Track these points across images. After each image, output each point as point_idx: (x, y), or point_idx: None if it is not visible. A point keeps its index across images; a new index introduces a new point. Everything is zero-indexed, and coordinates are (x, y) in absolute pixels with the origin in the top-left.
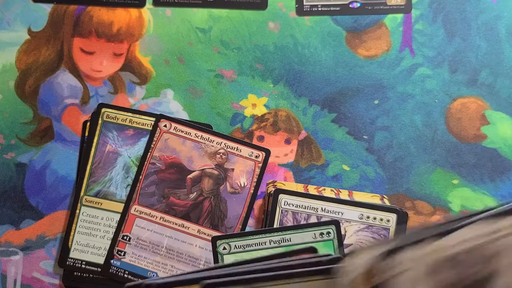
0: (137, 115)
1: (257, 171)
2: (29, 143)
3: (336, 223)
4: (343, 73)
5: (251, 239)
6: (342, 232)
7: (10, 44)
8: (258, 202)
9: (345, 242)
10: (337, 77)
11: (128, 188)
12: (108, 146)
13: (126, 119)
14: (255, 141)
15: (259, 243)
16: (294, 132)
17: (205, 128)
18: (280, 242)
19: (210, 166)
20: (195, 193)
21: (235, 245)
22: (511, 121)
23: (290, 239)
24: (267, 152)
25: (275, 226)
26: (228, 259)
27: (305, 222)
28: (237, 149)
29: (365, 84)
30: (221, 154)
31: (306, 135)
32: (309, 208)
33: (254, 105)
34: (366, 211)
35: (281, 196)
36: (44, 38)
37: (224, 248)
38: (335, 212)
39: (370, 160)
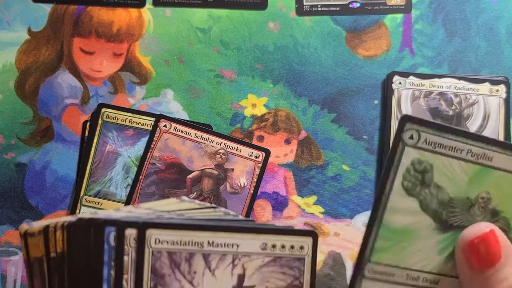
0: (137, 115)
1: (257, 171)
2: (29, 143)
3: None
4: (343, 73)
5: (447, 138)
6: (240, 272)
7: (10, 44)
8: (258, 202)
9: (246, 284)
10: (337, 77)
11: (128, 188)
12: (108, 146)
13: (126, 119)
14: (255, 141)
15: (454, 148)
16: (294, 132)
17: (205, 128)
18: (479, 157)
19: (210, 166)
20: (195, 193)
21: (426, 139)
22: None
23: (492, 158)
24: (267, 152)
25: (145, 278)
26: (409, 153)
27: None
28: (237, 149)
29: (365, 84)
30: (221, 154)
31: (306, 135)
32: (190, 243)
33: (254, 105)
34: (271, 238)
35: (149, 232)
36: (44, 38)
37: (411, 137)
38: (227, 245)
39: (370, 160)
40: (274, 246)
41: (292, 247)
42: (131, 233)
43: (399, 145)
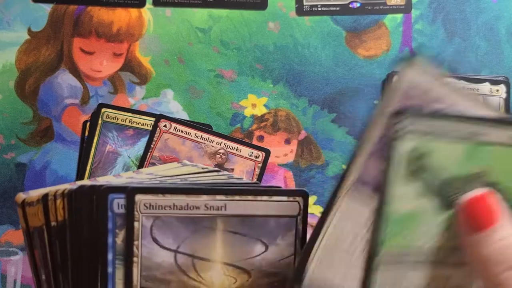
0: (137, 115)
1: (257, 171)
2: (29, 143)
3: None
4: (343, 73)
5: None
6: None
7: (10, 44)
8: None
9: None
10: (337, 77)
11: None
12: (108, 146)
13: (126, 119)
14: (255, 141)
15: (450, 131)
16: (294, 132)
17: (205, 128)
18: (471, 135)
19: (210, 166)
20: None
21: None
22: None
23: (485, 133)
24: (267, 152)
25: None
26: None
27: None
28: (237, 149)
29: (365, 84)
30: (221, 154)
31: (306, 135)
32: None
33: (254, 105)
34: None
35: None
36: (44, 38)
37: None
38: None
39: None
40: None
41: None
42: (141, 199)
43: (394, 136)
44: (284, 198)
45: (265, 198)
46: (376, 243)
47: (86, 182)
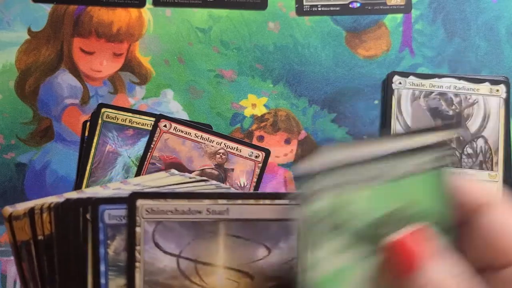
0: (137, 115)
1: (257, 171)
2: (29, 143)
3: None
4: (343, 73)
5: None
6: None
7: (10, 44)
8: None
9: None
10: (337, 77)
11: None
12: (108, 146)
13: (126, 119)
14: (255, 141)
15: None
16: (294, 132)
17: (205, 128)
18: (375, 177)
19: (210, 166)
20: None
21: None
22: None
23: (391, 171)
24: (267, 152)
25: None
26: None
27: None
28: (237, 149)
29: (365, 84)
30: (221, 154)
31: (306, 135)
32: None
33: (254, 105)
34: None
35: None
36: (44, 38)
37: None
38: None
39: None
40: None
41: None
42: (142, 203)
43: (302, 201)
44: (286, 201)
45: (267, 201)
46: None
47: (72, 194)
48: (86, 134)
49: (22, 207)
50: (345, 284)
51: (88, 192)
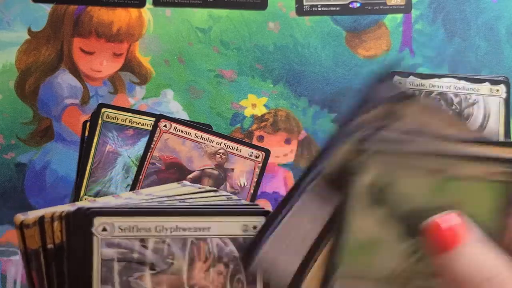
0: (137, 115)
1: (257, 171)
2: (29, 143)
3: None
4: (343, 73)
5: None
6: None
7: (10, 44)
8: (258, 202)
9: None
10: (337, 77)
11: (128, 188)
12: (108, 146)
13: (126, 119)
14: (255, 141)
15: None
16: (294, 132)
17: (205, 128)
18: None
19: (210, 166)
20: None
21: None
22: None
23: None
24: (267, 152)
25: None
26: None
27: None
28: (237, 149)
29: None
30: (221, 154)
31: (306, 135)
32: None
33: (254, 105)
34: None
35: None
36: (44, 38)
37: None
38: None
39: None
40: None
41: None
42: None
43: (354, 170)
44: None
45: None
46: (333, 264)
47: (84, 203)
48: (86, 134)
49: (33, 215)
50: (376, 255)
51: (101, 201)
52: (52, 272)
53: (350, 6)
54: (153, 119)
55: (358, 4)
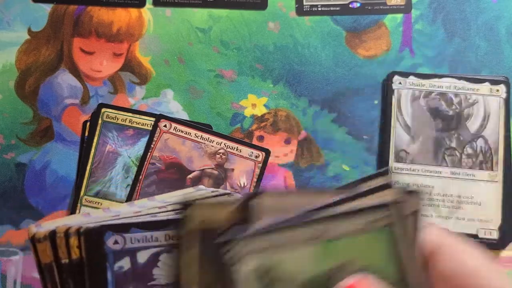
0: (137, 115)
1: (257, 171)
2: (29, 143)
3: (394, 204)
4: (343, 73)
5: (277, 235)
6: None
7: (10, 44)
8: None
9: None
10: (337, 77)
11: (128, 188)
12: (108, 146)
13: (126, 119)
14: (255, 141)
15: (287, 242)
16: (294, 132)
17: (205, 128)
18: (317, 237)
19: (210, 166)
20: None
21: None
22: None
23: (332, 230)
24: (267, 152)
25: None
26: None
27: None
28: (237, 149)
29: (365, 84)
30: (221, 154)
31: (306, 135)
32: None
33: (254, 105)
34: None
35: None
36: (44, 38)
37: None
38: None
39: (370, 160)
40: None
41: None
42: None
43: (231, 262)
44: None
45: None
46: None
47: (99, 213)
48: (86, 134)
49: (45, 228)
50: None
51: (115, 210)
52: (69, 287)
53: (350, 6)
54: (153, 119)
55: (358, 4)
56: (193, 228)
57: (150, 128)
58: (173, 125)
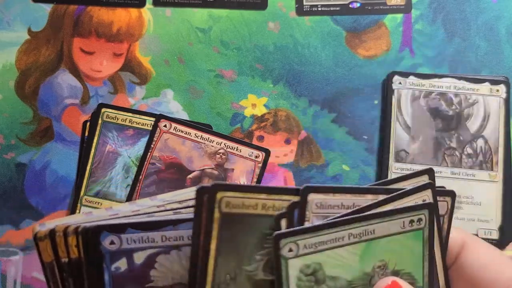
0: (137, 115)
1: (257, 171)
2: (29, 143)
3: (430, 206)
4: (343, 73)
5: (325, 233)
6: None
7: (10, 44)
8: None
9: None
10: (337, 77)
11: (128, 188)
12: (108, 146)
13: (126, 119)
14: (255, 141)
15: (336, 238)
16: (294, 132)
17: (205, 128)
18: (361, 235)
19: (210, 166)
20: None
21: (305, 244)
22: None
23: (373, 230)
24: (267, 152)
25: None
26: (294, 264)
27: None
28: (237, 149)
29: (365, 84)
30: (221, 154)
31: (306, 135)
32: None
33: (254, 105)
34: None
35: (311, 196)
36: (44, 38)
37: (290, 250)
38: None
39: (370, 160)
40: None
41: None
42: (313, 198)
43: (281, 262)
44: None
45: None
46: None
47: (101, 212)
48: (86, 134)
49: (47, 226)
50: None
51: (116, 209)
52: (69, 286)
53: (350, 6)
54: (153, 119)
55: (358, 4)
56: (214, 212)
57: (150, 128)
58: (173, 125)
